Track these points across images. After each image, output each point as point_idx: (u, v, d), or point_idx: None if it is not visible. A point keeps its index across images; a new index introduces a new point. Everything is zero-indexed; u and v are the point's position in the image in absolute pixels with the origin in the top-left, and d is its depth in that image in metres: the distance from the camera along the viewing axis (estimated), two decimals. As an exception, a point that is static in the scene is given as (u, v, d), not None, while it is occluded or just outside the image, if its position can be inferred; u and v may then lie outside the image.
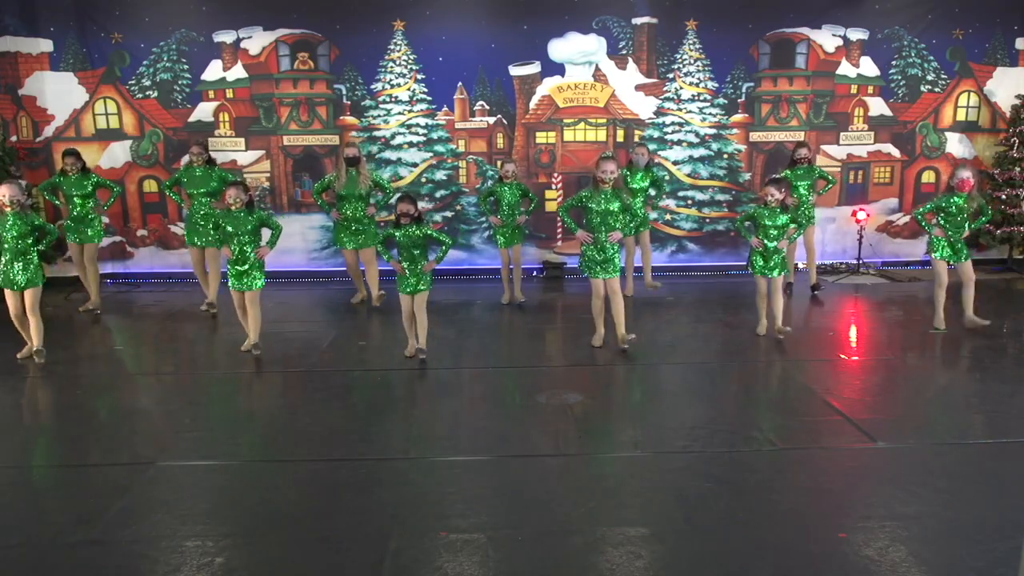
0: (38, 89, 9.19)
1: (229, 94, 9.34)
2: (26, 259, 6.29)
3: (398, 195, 6.57)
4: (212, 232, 6.67)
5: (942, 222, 6.87)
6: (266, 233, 6.58)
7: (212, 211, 7.81)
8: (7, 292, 6.38)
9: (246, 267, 6.38)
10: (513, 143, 9.55)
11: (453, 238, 6.56)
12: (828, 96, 9.63)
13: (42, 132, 9.28)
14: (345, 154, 8.01)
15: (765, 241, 6.63)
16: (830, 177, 8.44)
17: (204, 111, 9.35)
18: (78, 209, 7.88)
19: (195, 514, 3.96)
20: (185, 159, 8.52)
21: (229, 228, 6.36)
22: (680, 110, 9.55)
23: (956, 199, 6.77)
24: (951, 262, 6.93)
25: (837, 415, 5.14)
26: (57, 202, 8.19)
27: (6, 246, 6.26)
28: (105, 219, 8.48)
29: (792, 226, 6.85)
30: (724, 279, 9.51)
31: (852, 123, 9.72)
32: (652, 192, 8.33)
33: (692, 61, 9.47)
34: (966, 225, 6.89)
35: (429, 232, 6.23)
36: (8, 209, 6.18)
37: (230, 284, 6.50)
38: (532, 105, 9.49)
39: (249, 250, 6.37)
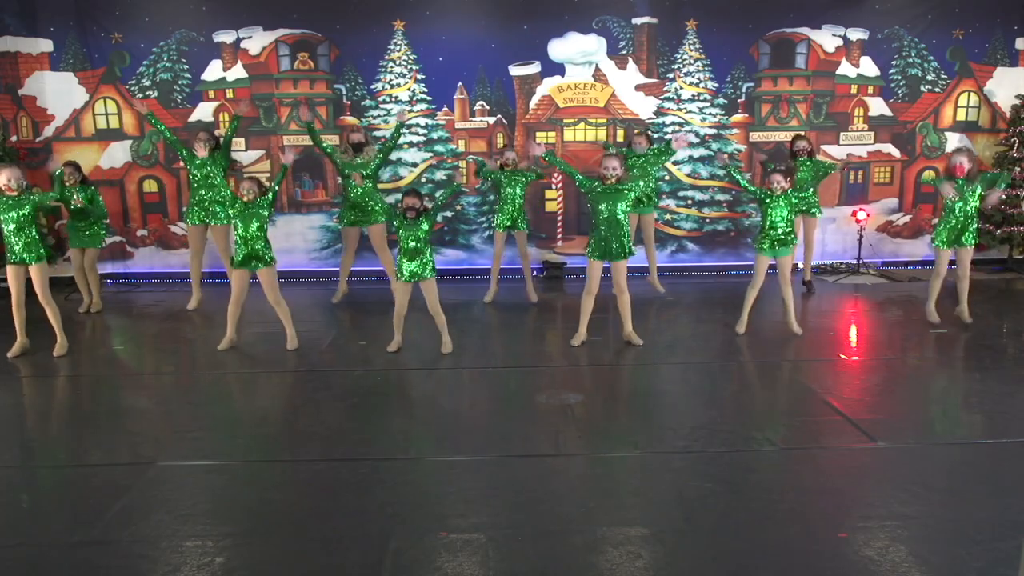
0: (38, 89, 9.20)
1: (229, 94, 9.34)
2: (27, 234, 6.32)
3: (404, 189, 6.67)
4: (225, 210, 6.76)
5: (948, 204, 6.89)
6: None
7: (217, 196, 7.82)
8: (10, 275, 6.41)
9: (250, 248, 6.53)
10: (513, 143, 9.54)
11: (454, 187, 6.90)
12: (828, 96, 9.63)
13: (42, 132, 9.29)
14: (351, 140, 8.04)
15: (773, 223, 6.72)
16: (832, 165, 8.36)
17: (204, 111, 9.35)
18: (77, 217, 7.90)
19: (195, 514, 3.96)
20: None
21: (239, 225, 6.50)
22: (680, 110, 9.55)
23: (957, 182, 6.81)
24: (952, 247, 6.93)
25: (837, 415, 5.14)
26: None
27: (11, 226, 6.29)
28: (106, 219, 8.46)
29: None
30: (724, 279, 9.52)
31: (852, 123, 9.72)
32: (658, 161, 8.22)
33: (692, 61, 9.47)
34: (971, 208, 6.86)
35: (432, 221, 6.36)
36: (13, 192, 6.23)
37: (234, 263, 6.61)
38: (532, 105, 9.50)
39: (259, 240, 6.51)
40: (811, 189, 8.18)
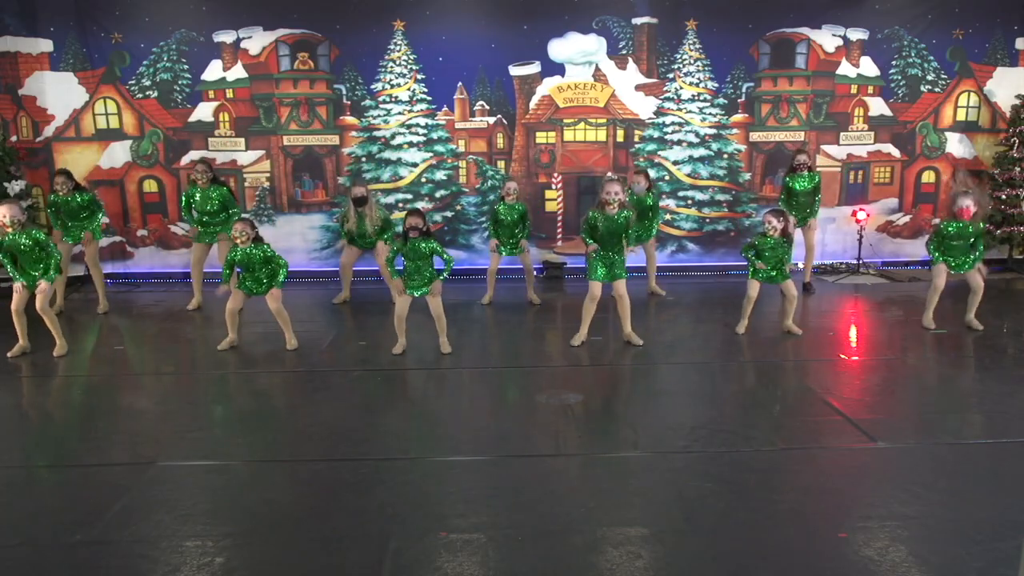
0: (38, 89, 9.19)
1: (229, 94, 9.34)
2: (41, 264, 6.41)
3: (408, 209, 6.96)
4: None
5: (943, 240, 6.98)
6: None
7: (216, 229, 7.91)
8: (15, 285, 6.45)
9: (256, 283, 6.69)
10: (513, 143, 9.55)
11: (452, 258, 6.70)
12: (828, 96, 9.63)
13: (42, 132, 9.28)
14: (353, 194, 8.08)
15: (765, 265, 6.88)
16: (818, 196, 8.47)
17: (204, 111, 9.35)
18: (72, 223, 7.89)
19: (195, 514, 3.96)
20: (186, 159, 8.55)
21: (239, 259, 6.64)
22: (680, 110, 9.55)
23: (955, 225, 6.92)
24: (953, 270, 7.01)
25: (837, 415, 5.14)
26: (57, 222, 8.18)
27: (9, 262, 6.39)
28: (105, 219, 8.44)
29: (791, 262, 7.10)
30: (724, 279, 9.52)
31: (852, 123, 9.72)
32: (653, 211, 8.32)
33: (692, 61, 9.47)
34: (969, 245, 6.96)
35: (435, 246, 6.38)
36: (9, 229, 6.24)
37: (241, 287, 6.71)
38: (532, 105, 9.49)
39: (264, 280, 6.63)
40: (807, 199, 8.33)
